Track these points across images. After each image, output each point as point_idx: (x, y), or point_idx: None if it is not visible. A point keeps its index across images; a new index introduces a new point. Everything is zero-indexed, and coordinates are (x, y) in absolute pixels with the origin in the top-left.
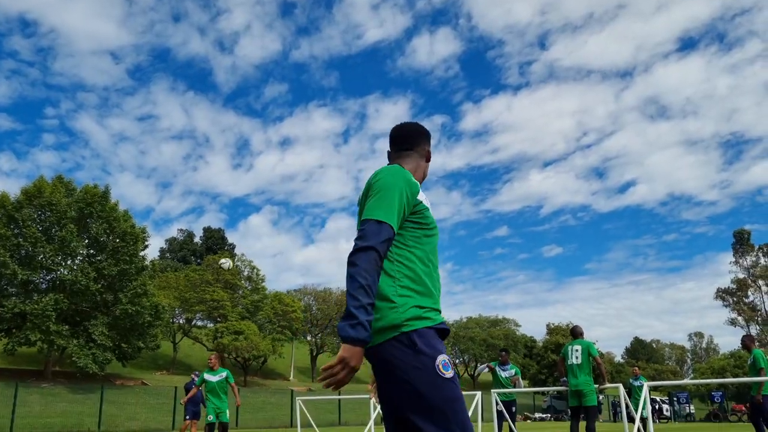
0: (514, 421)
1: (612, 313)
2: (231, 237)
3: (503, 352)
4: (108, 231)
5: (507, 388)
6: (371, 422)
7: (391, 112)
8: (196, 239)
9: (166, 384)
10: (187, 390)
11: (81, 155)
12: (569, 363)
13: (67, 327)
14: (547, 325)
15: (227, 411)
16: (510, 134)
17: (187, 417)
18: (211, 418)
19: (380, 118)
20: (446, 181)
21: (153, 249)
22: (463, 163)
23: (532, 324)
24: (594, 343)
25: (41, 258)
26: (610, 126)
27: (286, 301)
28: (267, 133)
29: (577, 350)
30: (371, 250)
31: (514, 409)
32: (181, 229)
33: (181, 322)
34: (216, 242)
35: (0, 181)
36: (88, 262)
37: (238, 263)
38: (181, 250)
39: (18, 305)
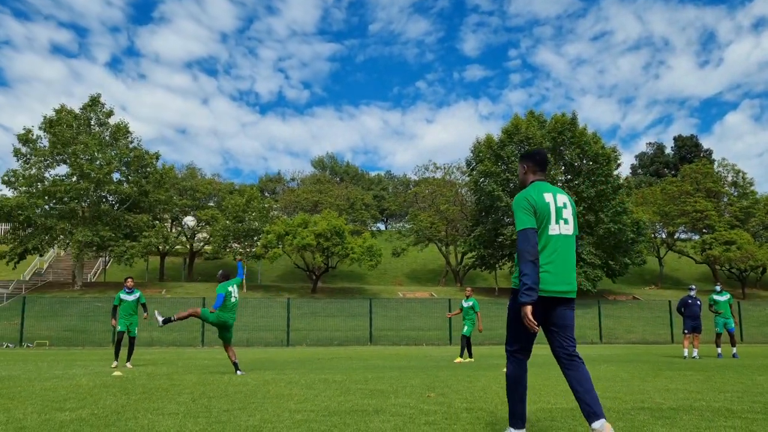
0: None
1: None
2: (706, 142)
3: None
4: (581, 155)
5: None
6: None
7: None
8: (667, 150)
9: (658, 298)
10: (684, 303)
11: (544, 87)
12: None
13: None
14: None
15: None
16: None
17: (686, 331)
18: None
19: None
20: None
21: (624, 167)
22: None
23: None
24: None
25: None
26: None
27: None
28: (735, 19)
29: None
30: None
31: None
32: (650, 143)
33: (663, 236)
34: (689, 150)
35: (481, 125)
36: (567, 187)
37: (719, 169)
38: (652, 164)
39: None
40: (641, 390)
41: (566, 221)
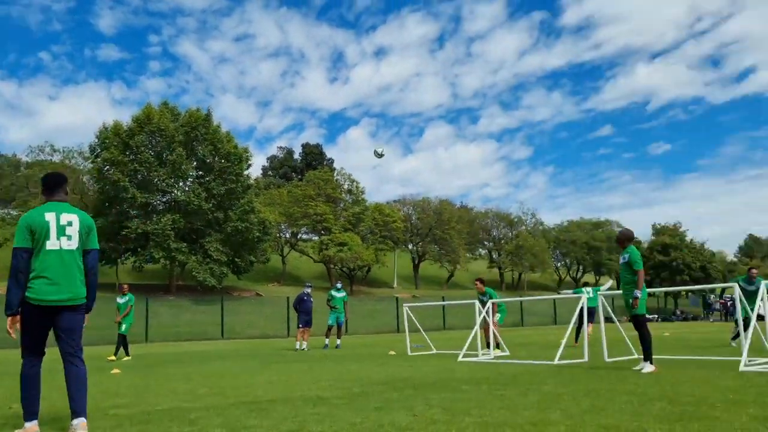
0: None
1: (726, 209)
2: (330, 152)
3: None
4: (213, 152)
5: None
6: (476, 326)
7: (487, 12)
8: (296, 155)
9: (279, 294)
10: (299, 300)
11: (185, 80)
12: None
13: (185, 244)
14: (653, 226)
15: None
16: (614, 26)
17: (300, 325)
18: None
19: (475, 19)
20: (546, 81)
21: (256, 167)
22: (563, 62)
23: (637, 225)
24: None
25: (156, 181)
26: (728, 8)
27: (386, 212)
28: (361, 44)
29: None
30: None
31: None
32: (281, 147)
33: (287, 236)
34: (315, 158)
35: (114, 109)
36: (198, 183)
37: (338, 177)
38: (281, 168)
39: (140, 226)
40: (248, 384)
41: (69, 237)
